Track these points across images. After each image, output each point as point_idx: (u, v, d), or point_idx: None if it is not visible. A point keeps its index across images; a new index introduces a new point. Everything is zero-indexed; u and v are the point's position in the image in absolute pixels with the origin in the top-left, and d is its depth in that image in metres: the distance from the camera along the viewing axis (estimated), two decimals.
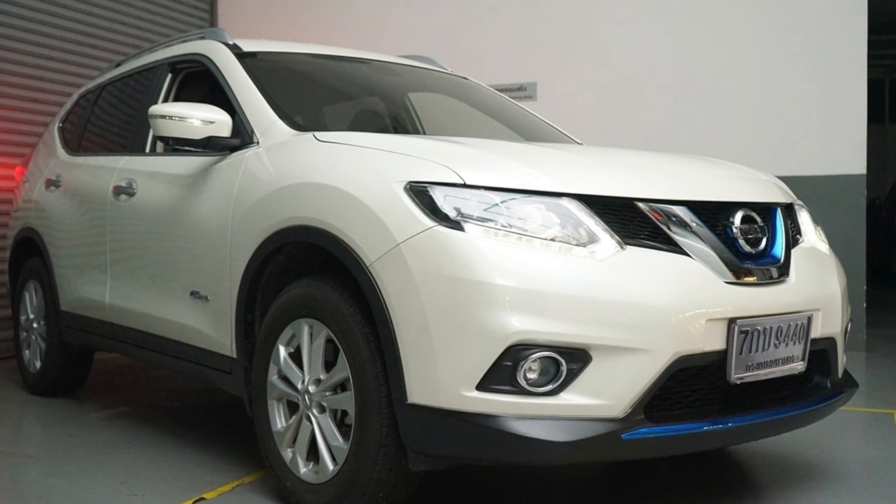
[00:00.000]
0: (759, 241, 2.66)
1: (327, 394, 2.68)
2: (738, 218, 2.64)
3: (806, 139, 6.21)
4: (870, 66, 6.22)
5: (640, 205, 2.50)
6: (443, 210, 2.41)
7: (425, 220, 2.41)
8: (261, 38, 4.09)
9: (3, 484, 3.26)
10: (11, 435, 4.02)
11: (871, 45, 6.31)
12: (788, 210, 2.94)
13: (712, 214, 2.61)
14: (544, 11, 6.85)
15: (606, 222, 2.43)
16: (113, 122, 4.56)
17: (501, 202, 2.41)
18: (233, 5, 7.90)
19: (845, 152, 6.14)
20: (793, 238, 2.85)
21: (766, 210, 2.78)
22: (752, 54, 6.33)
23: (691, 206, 2.57)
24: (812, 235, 3.00)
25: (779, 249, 2.72)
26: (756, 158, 5.47)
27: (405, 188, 2.48)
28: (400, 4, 7.29)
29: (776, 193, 2.93)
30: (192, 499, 2.93)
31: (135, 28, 6.97)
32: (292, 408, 2.82)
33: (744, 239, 2.61)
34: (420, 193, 2.46)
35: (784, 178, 3.35)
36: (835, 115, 6.16)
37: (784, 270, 2.68)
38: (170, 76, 3.99)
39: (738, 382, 2.49)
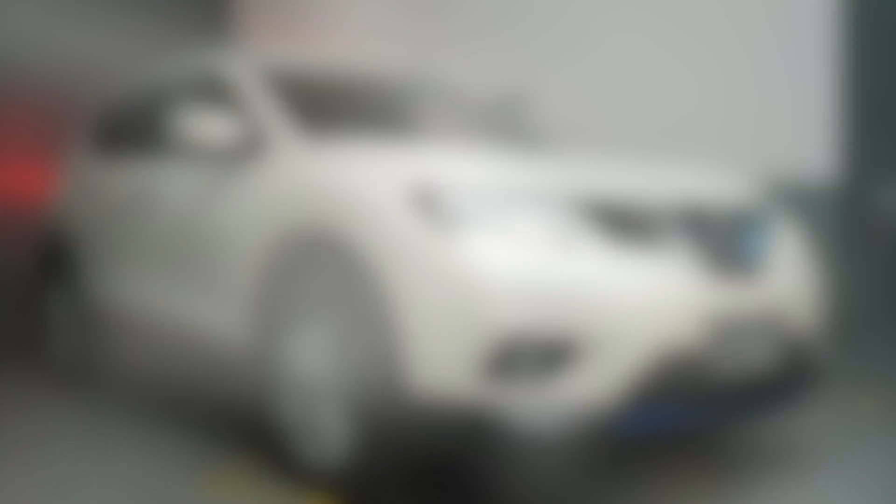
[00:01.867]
0: (740, 242, 2.66)
1: (335, 385, 2.68)
2: (719, 221, 2.63)
3: (784, 147, 6.20)
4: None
5: (628, 207, 2.49)
6: (443, 212, 2.41)
7: (427, 222, 2.40)
8: (275, 53, 4.08)
9: (26, 469, 3.26)
10: (35, 423, 4.01)
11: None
12: (766, 214, 2.94)
13: (696, 217, 2.60)
14: (537, 24, 6.85)
15: (597, 223, 2.43)
16: (137, 129, 4.55)
17: (498, 204, 2.41)
18: (249, 23, 7.89)
19: (820, 160, 6.12)
20: (770, 240, 2.85)
21: (746, 214, 2.78)
22: (733, 67, 6.32)
23: (676, 208, 2.57)
24: (788, 238, 3.00)
25: (757, 251, 2.72)
26: (737, 165, 5.46)
27: (408, 191, 2.48)
28: (403, 21, 7.28)
29: (755, 198, 2.93)
30: (202, 483, 2.92)
31: (158, 42, 6.95)
32: (302, 398, 2.82)
33: (725, 241, 2.61)
34: (422, 196, 2.45)
35: (763, 184, 3.34)
36: (811, 126, 6.14)
37: (762, 271, 2.68)
38: (190, 88, 3.99)
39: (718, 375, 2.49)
